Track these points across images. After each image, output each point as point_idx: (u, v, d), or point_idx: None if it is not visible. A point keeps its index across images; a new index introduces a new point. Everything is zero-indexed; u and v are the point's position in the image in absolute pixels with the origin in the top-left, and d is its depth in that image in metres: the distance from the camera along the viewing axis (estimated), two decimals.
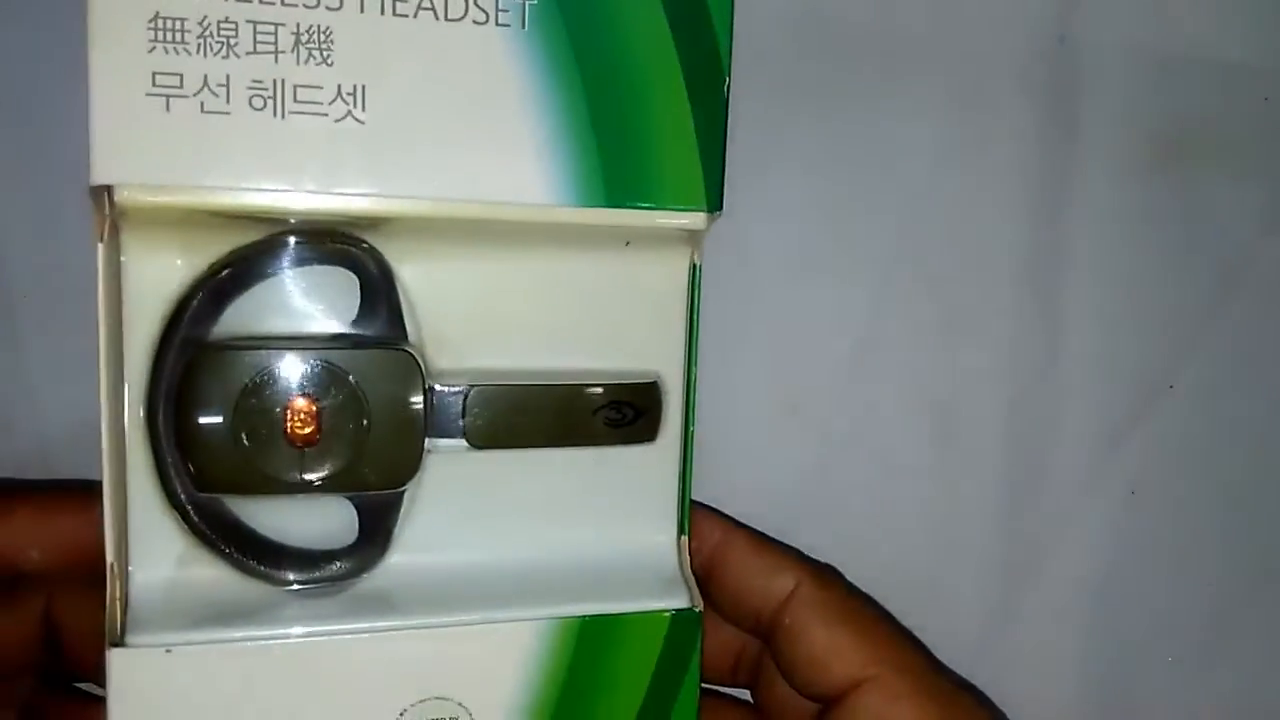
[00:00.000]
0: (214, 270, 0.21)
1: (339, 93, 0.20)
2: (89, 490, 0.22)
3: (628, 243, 0.23)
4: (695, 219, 0.23)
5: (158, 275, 0.20)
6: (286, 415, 0.21)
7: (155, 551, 0.21)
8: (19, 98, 0.25)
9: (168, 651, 0.20)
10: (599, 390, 0.23)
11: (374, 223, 0.21)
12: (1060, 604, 0.33)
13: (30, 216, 0.26)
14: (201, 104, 0.19)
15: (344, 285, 0.21)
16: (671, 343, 0.24)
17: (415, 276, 0.22)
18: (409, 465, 0.22)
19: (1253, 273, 0.33)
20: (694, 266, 0.24)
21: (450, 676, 0.22)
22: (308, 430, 0.21)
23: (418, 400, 0.21)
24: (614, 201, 0.22)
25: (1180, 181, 0.32)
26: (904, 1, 0.29)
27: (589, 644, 0.22)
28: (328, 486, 0.21)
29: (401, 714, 0.21)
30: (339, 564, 0.22)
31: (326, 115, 0.20)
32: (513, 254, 0.22)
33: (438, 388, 0.22)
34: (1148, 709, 0.34)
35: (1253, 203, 0.32)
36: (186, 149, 0.19)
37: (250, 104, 0.19)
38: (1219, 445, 0.33)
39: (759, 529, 0.26)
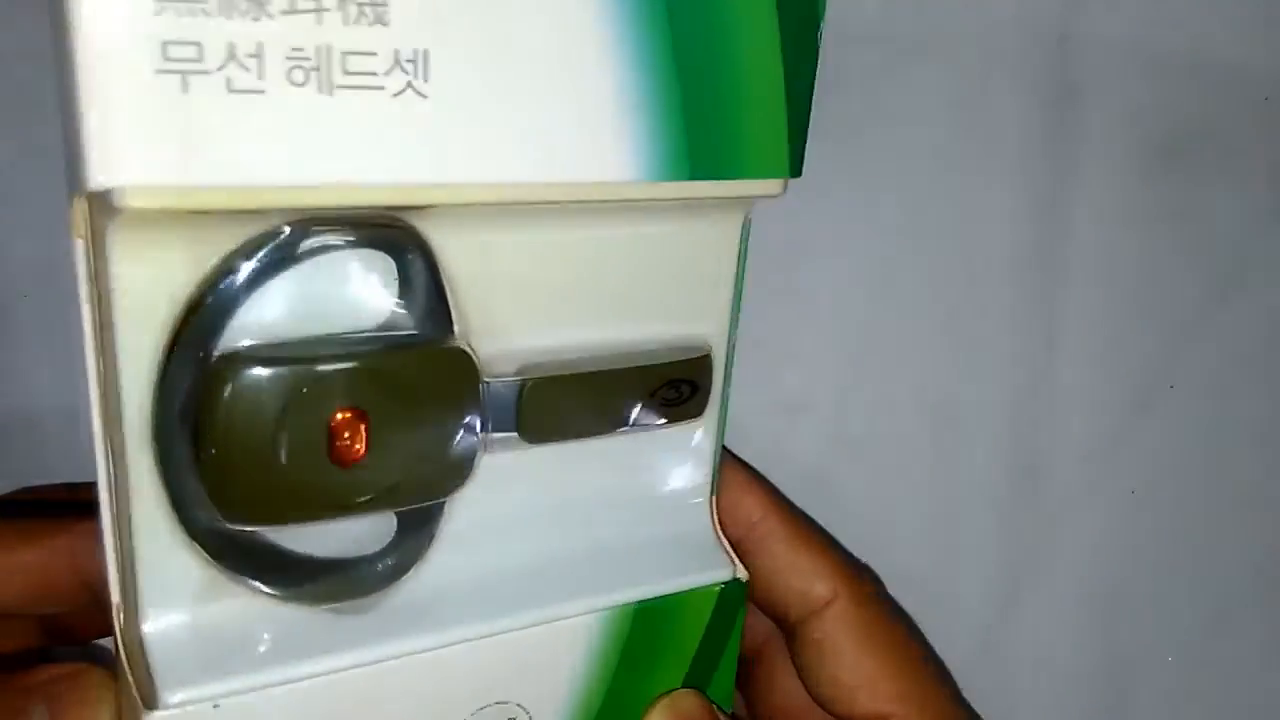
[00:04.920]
0: (227, 265, 0.17)
1: (397, 60, 0.16)
2: (56, 513, 0.21)
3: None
4: (774, 186, 0.20)
5: (157, 274, 0.17)
6: (330, 433, 0.17)
7: (171, 588, 0.18)
8: (19, 98, 0.25)
9: (216, 707, 0.17)
10: (656, 371, 0.21)
11: (424, 207, 0.18)
12: (1060, 604, 0.33)
13: (30, 216, 0.26)
14: (228, 81, 0.15)
15: (376, 271, 0.18)
16: (718, 304, 0.22)
17: (456, 255, 0.19)
18: (462, 471, 0.19)
19: (1253, 273, 0.33)
20: (746, 219, 0.22)
21: (508, 680, 0.20)
22: (355, 447, 0.18)
23: (473, 401, 0.19)
24: (699, 173, 0.19)
25: (1180, 181, 0.32)
26: (904, 1, 0.29)
27: (642, 625, 0.21)
28: (377, 506, 0.19)
29: None
30: (377, 573, 0.20)
31: (383, 89, 0.16)
32: (560, 225, 0.20)
33: (492, 384, 0.19)
34: (1148, 709, 0.34)
35: (1253, 203, 0.32)
36: (215, 140, 0.15)
37: (290, 79, 0.15)
38: (1219, 445, 0.33)
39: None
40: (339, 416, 0.18)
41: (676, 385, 0.21)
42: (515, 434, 0.20)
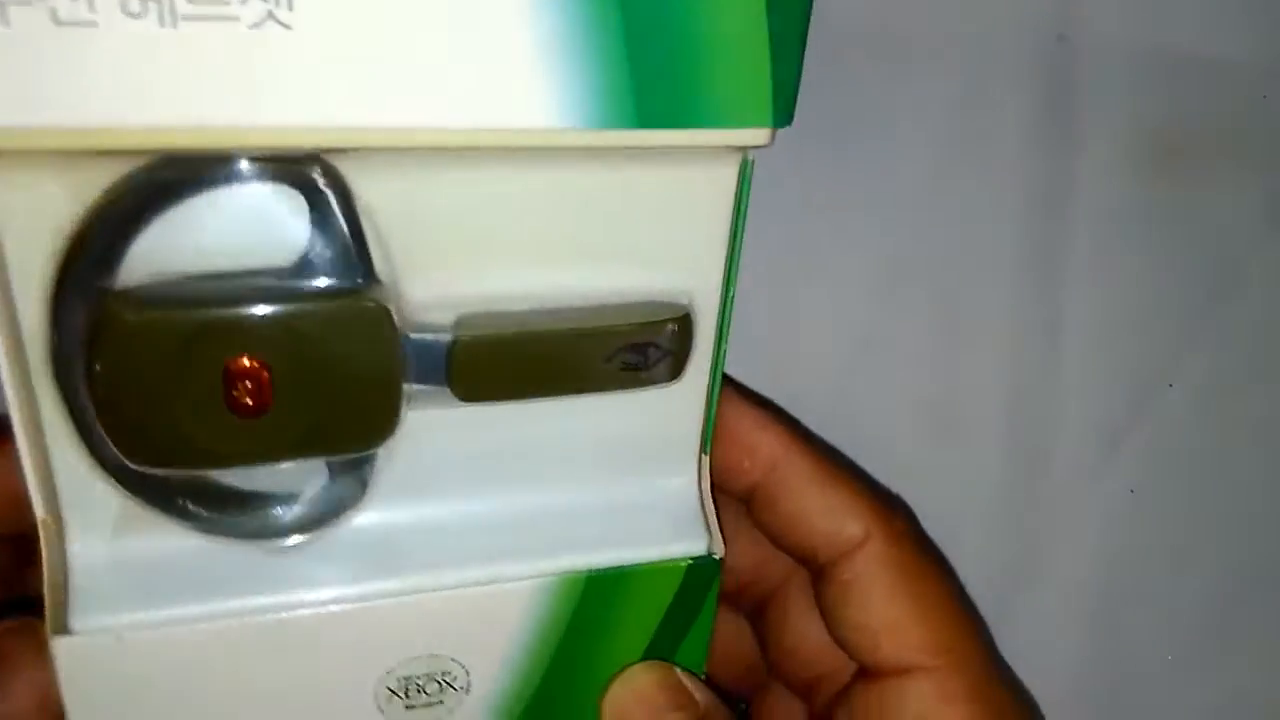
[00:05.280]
0: (109, 199, 0.16)
1: None
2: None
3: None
4: (755, 135, 0.18)
5: (36, 205, 0.16)
6: (228, 382, 0.16)
7: (89, 514, 0.18)
8: None
9: (119, 640, 0.17)
10: (615, 334, 0.19)
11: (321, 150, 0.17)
12: (1060, 604, 0.33)
13: None
14: (53, 12, 0.14)
15: (287, 206, 0.17)
16: (706, 259, 0.20)
17: (385, 192, 0.17)
18: (384, 427, 0.18)
19: (1253, 272, 0.33)
20: (745, 164, 0.19)
21: (441, 635, 0.19)
22: (251, 399, 0.17)
23: (390, 357, 0.17)
24: (650, 121, 0.16)
25: (1180, 181, 0.32)
26: (904, 0, 0.29)
27: (595, 596, 0.20)
28: (288, 456, 0.18)
29: (389, 672, 0.19)
30: (304, 515, 0.19)
31: (237, 19, 0.14)
32: (513, 164, 0.18)
33: (415, 338, 0.18)
34: (1148, 709, 0.34)
35: (1253, 202, 0.32)
36: (47, 78, 0.14)
37: (125, 9, 0.14)
38: (1219, 445, 0.33)
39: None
40: (238, 365, 0.16)
41: (641, 349, 0.19)
42: (448, 389, 0.18)
